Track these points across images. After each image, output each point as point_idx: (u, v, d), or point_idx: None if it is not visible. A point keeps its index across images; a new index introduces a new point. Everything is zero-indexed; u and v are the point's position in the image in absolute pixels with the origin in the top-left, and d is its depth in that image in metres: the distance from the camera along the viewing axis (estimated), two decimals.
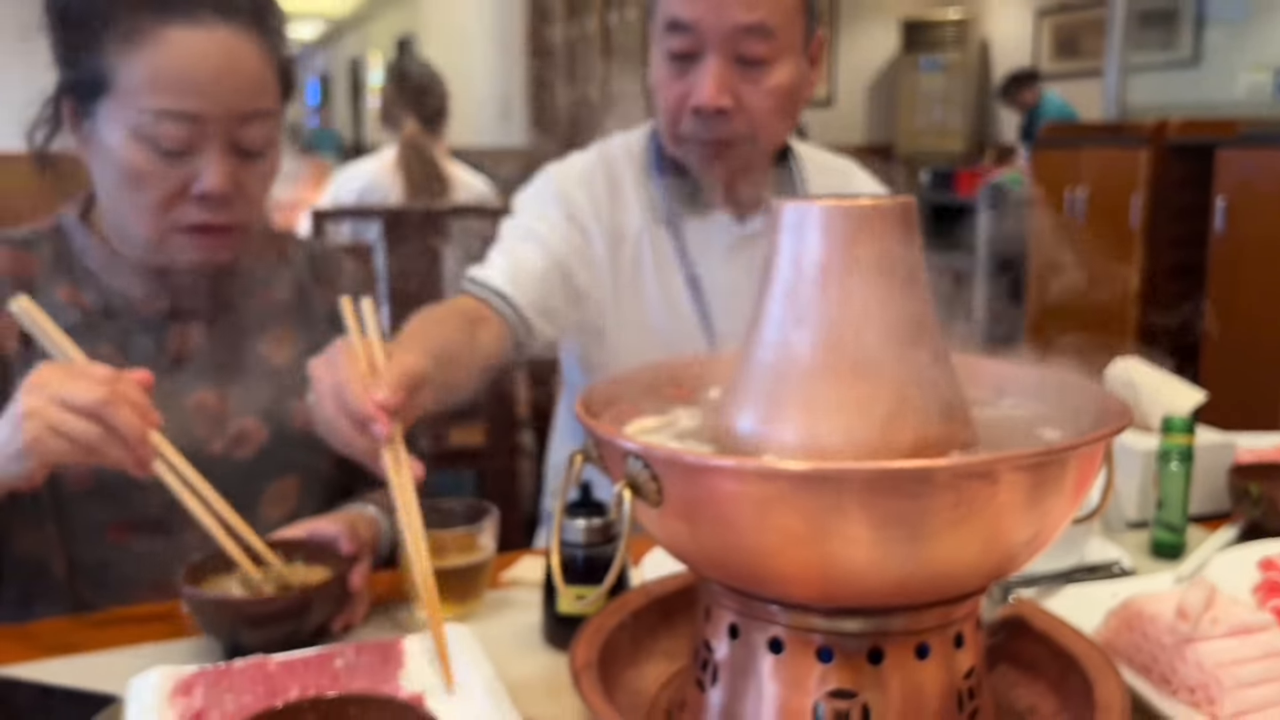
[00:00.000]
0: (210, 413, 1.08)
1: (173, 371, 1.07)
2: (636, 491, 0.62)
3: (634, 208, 1.30)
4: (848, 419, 0.64)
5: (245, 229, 1.05)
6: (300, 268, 1.19)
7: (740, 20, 1.14)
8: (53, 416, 0.81)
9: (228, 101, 0.97)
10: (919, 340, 0.66)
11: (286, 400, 1.12)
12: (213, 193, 0.98)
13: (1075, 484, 0.63)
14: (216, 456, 1.07)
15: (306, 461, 1.13)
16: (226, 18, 0.98)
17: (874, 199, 0.66)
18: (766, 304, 0.68)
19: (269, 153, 1.03)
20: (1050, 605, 0.94)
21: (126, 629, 0.93)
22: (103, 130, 0.99)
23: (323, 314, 1.18)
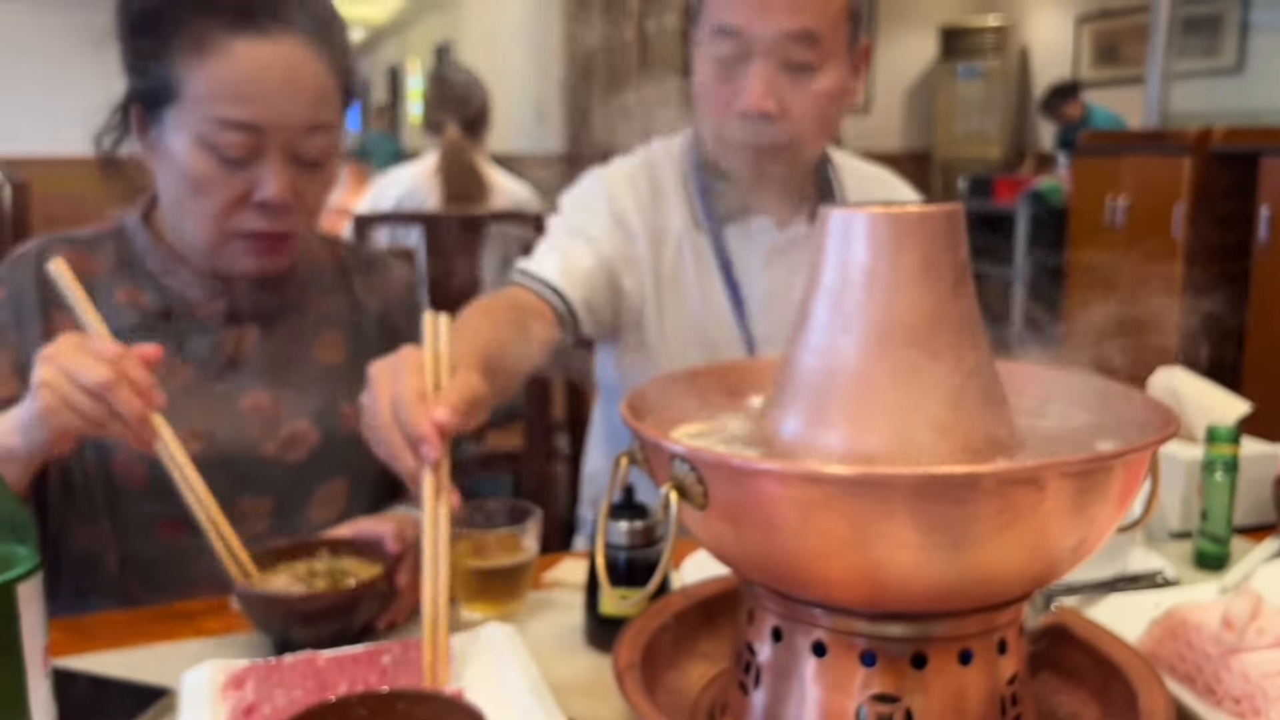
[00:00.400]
0: (264, 415, 1.10)
1: (227, 373, 1.10)
2: (683, 494, 0.63)
3: (676, 212, 1.32)
4: (893, 424, 0.65)
5: (301, 237, 1.08)
6: (351, 273, 1.22)
7: (787, 26, 1.15)
8: (63, 390, 0.84)
9: (290, 113, 1.00)
10: (964, 346, 0.67)
11: (337, 403, 1.14)
12: (272, 201, 1.01)
13: (1121, 492, 0.63)
14: (269, 458, 1.09)
15: (356, 464, 1.15)
16: (291, 30, 1.00)
17: (921, 206, 0.66)
18: (813, 309, 0.69)
19: (328, 163, 1.06)
20: (1093, 614, 0.94)
21: (179, 623, 0.95)
22: (168, 137, 1.02)
23: (372, 318, 1.21)
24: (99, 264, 1.09)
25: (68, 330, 1.04)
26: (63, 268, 0.90)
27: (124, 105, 1.07)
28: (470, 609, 0.97)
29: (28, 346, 1.04)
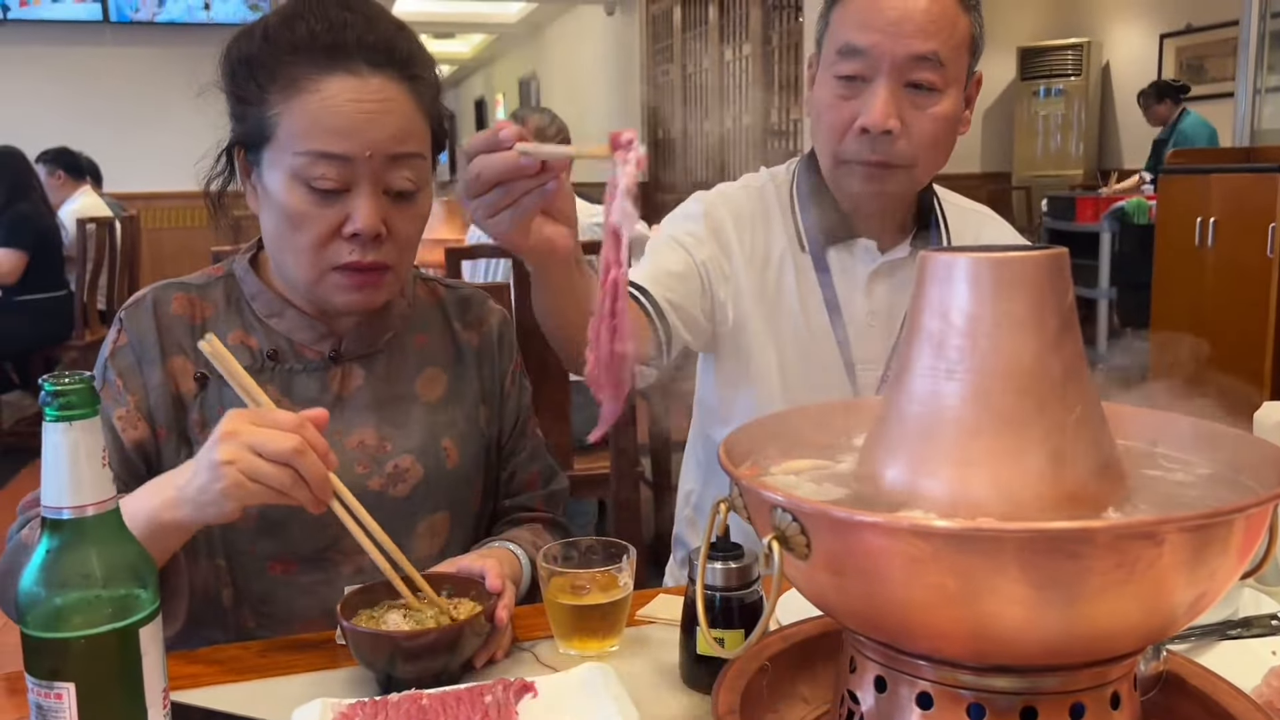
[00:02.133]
0: (369, 451, 1.13)
1: (334, 412, 1.12)
2: (785, 544, 0.63)
3: (779, 234, 1.35)
4: (998, 474, 0.64)
5: (398, 271, 1.10)
6: (449, 310, 1.25)
7: (915, 49, 1.19)
8: (249, 464, 0.87)
9: (378, 144, 1.03)
10: (1070, 393, 0.66)
11: (439, 438, 1.17)
12: (364, 232, 1.03)
13: (1242, 545, 0.61)
14: (375, 493, 1.12)
15: (457, 497, 1.18)
16: (378, 67, 1.04)
17: (1025, 250, 0.66)
18: (914, 354, 0.69)
19: (419, 196, 1.08)
20: (1205, 661, 0.91)
21: (287, 657, 0.98)
22: (267, 176, 1.06)
23: (471, 354, 1.23)
24: (210, 308, 1.13)
25: (184, 375, 1.09)
26: (217, 344, 0.93)
27: (228, 150, 1.11)
28: (567, 647, 0.98)
29: (150, 391, 1.09)
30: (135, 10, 6.89)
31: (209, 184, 1.13)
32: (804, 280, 1.34)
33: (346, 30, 1.04)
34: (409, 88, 1.06)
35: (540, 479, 1.29)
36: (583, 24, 10.36)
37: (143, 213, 5.64)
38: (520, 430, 1.28)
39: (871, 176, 1.25)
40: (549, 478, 1.31)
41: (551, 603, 0.97)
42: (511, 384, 1.28)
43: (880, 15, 1.20)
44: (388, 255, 1.07)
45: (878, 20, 1.20)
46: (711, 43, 7.82)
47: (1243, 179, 3.85)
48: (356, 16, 1.05)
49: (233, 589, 1.10)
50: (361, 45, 1.03)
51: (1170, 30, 7.30)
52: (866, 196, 1.28)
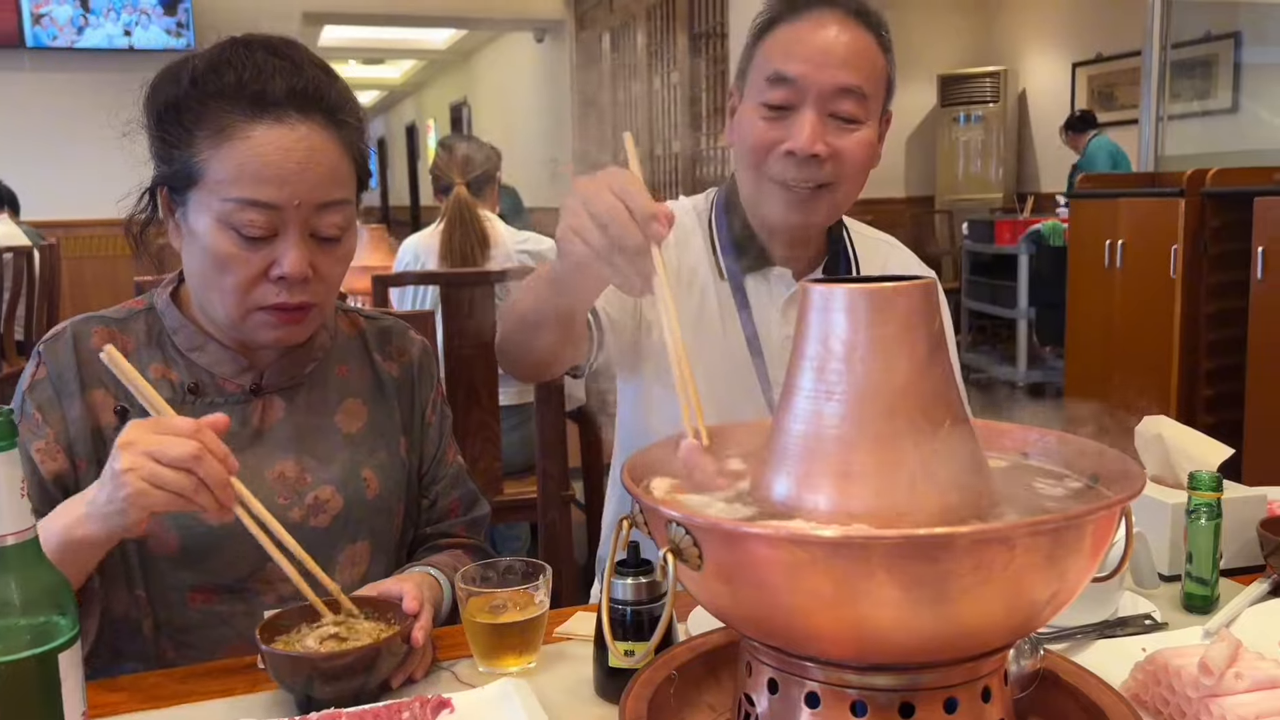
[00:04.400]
0: (289, 483, 1.15)
1: (254, 444, 1.15)
2: (679, 556, 0.68)
3: (701, 260, 1.41)
4: (874, 486, 0.70)
5: (322, 308, 1.13)
6: (371, 342, 1.27)
7: (841, 80, 1.27)
8: (150, 471, 0.89)
9: (306, 192, 1.06)
10: (941, 412, 0.71)
11: (359, 469, 1.19)
12: (291, 276, 1.06)
13: (1092, 547, 0.67)
14: (295, 524, 1.13)
15: (377, 527, 1.20)
16: (307, 116, 1.07)
17: (896, 281, 0.72)
18: (798, 378, 0.74)
19: (344, 239, 1.11)
20: (1081, 658, 0.98)
21: (208, 683, 0.99)
22: (192, 218, 1.08)
23: (392, 386, 1.26)
24: (130, 341, 1.14)
25: (104, 408, 1.10)
26: (115, 355, 0.96)
27: (151, 189, 1.13)
28: (487, 665, 1.01)
29: (69, 424, 1.10)
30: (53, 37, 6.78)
31: (131, 222, 1.15)
32: (724, 305, 1.39)
33: (275, 78, 1.06)
34: (336, 134, 1.08)
35: (461, 506, 1.32)
36: (513, 51, 10.43)
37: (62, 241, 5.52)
38: (441, 458, 1.30)
39: (795, 205, 1.31)
40: (470, 504, 1.33)
41: (469, 622, 1.00)
42: (433, 413, 1.30)
43: (808, 47, 1.27)
44: (314, 295, 1.10)
45: (805, 52, 1.27)
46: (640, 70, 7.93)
47: (1147, 203, 4.02)
48: (284, 63, 1.08)
49: (153, 619, 1.11)
50: (290, 93, 1.06)
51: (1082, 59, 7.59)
52: (789, 225, 1.34)
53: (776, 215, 1.33)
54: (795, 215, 1.32)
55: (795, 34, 1.29)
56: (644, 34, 7.82)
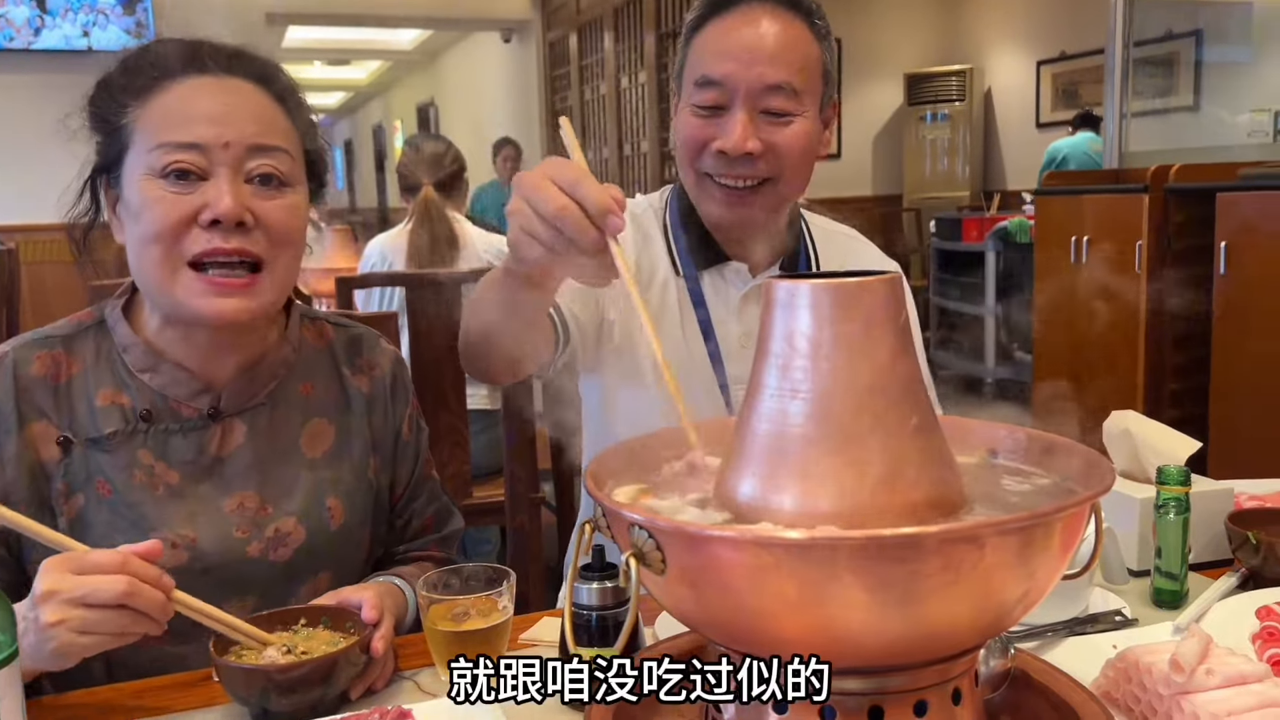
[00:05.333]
0: (249, 514, 1.09)
1: (212, 473, 1.08)
2: (642, 560, 0.66)
3: (660, 257, 1.38)
4: (841, 485, 0.68)
5: (273, 272, 1.04)
6: (339, 353, 1.20)
7: (768, 78, 1.25)
8: (78, 621, 0.84)
9: (235, 133, 1.01)
10: (907, 408, 0.70)
11: (324, 497, 1.13)
12: (224, 216, 0.99)
13: (1061, 544, 0.66)
14: (253, 559, 1.08)
15: (341, 556, 1.15)
16: (235, 73, 1.04)
17: (861, 277, 0.70)
18: (762, 376, 0.73)
19: (289, 191, 1.05)
20: (1052, 656, 0.97)
21: (162, 698, 0.96)
22: (127, 192, 1.03)
23: (361, 401, 1.19)
24: (77, 363, 1.07)
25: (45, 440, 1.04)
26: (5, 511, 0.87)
27: (91, 180, 1.08)
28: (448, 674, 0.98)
29: (5, 465, 1.02)
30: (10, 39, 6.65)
31: (73, 226, 1.10)
32: (683, 303, 1.37)
33: (204, 45, 1.05)
34: (270, 92, 1.06)
35: (435, 523, 1.28)
36: (480, 51, 10.37)
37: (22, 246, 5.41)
38: (419, 476, 1.26)
39: (734, 202, 1.29)
40: (444, 520, 1.29)
41: (431, 630, 0.97)
42: (409, 430, 1.24)
43: (733, 46, 1.25)
44: (257, 245, 1.02)
45: (731, 50, 1.25)
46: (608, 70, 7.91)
47: (1112, 199, 4.05)
48: (219, 44, 1.06)
49: (104, 662, 1.04)
50: (217, 55, 1.04)
51: (1046, 57, 7.65)
52: (732, 222, 1.32)
53: (717, 212, 1.32)
54: (736, 211, 1.31)
55: (722, 32, 1.27)
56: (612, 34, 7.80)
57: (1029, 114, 7.85)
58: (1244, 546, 1.15)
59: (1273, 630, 0.96)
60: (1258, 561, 1.14)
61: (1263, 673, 0.83)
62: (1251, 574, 1.16)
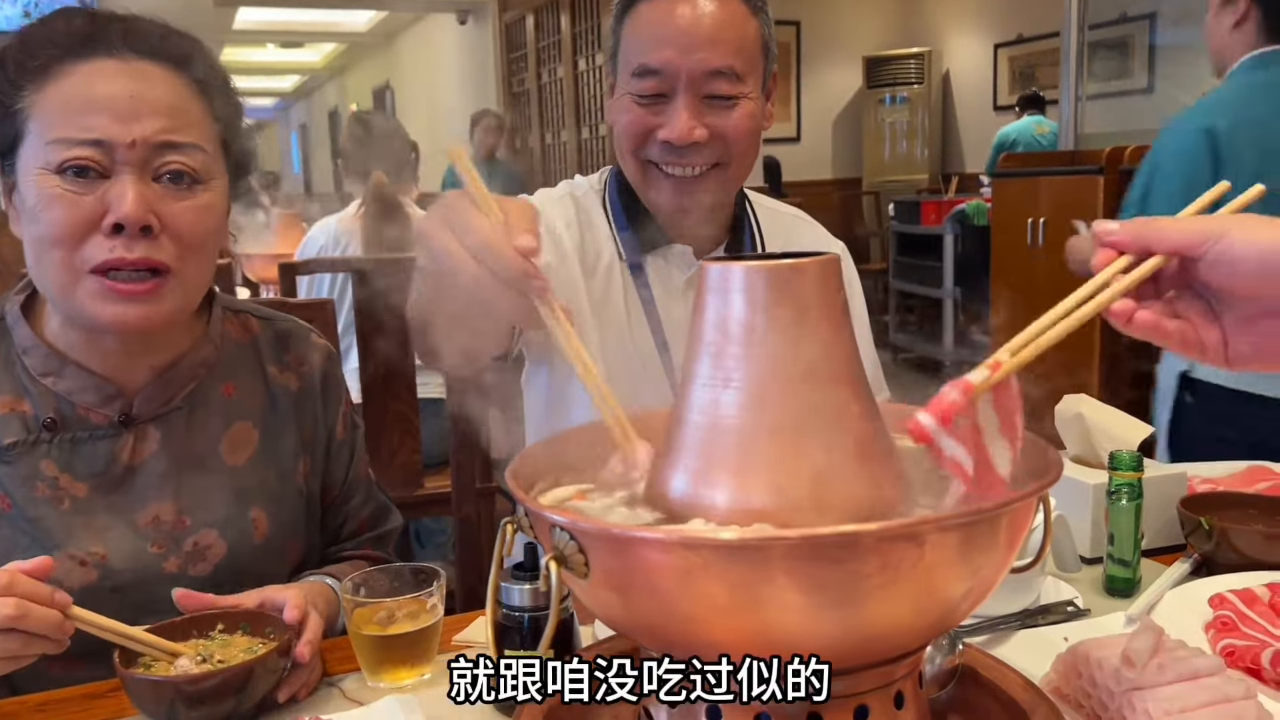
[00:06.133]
0: (165, 528, 1.02)
1: (124, 485, 1.01)
2: (564, 564, 0.62)
3: (604, 243, 1.33)
4: (775, 480, 0.64)
5: (181, 278, 0.97)
6: (264, 350, 1.13)
7: (710, 65, 1.20)
8: None
9: (141, 128, 0.92)
10: (845, 397, 0.66)
11: (248, 507, 1.06)
12: (126, 220, 0.91)
13: (1008, 539, 0.63)
14: (171, 575, 1.01)
15: (266, 570, 1.07)
16: (144, 55, 0.96)
17: (795, 258, 0.66)
18: (694, 365, 0.68)
19: (201, 191, 0.97)
20: (1002, 650, 0.94)
21: (68, 709, 0.91)
22: (23, 184, 0.95)
23: (288, 400, 1.12)
24: None
25: None
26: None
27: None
28: (376, 679, 0.93)
29: None
30: None
31: None
32: (628, 289, 1.33)
33: (111, 23, 0.96)
34: (184, 76, 0.97)
35: (369, 522, 1.23)
36: (436, 33, 10.23)
37: None
38: (354, 477, 1.20)
39: (683, 190, 1.25)
40: (380, 519, 1.24)
41: (355, 634, 0.93)
42: (344, 428, 1.18)
43: (669, 31, 1.19)
44: (165, 253, 0.94)
45: (667, 36, 1.19)
46: (565, 52, 7.82)
47: (1067, 181, 4.06)
48: (128, 17, 0.98)
49: (10, 688, 0.97)
50: (126, 34, 0.96)
51: (1003, 40, 7.67)
52: (680, 209, 1.28)
53: (666, 201, 1.28)
54: (685, 199, 1.26)
55: (657, 15, 1.21)
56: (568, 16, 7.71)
57: (986, 97, 7.88)
58: (1196, 532, 1.13)
59: (1226, 620, 0.93)
60: (1210, 547, 1.12)
61: (1215, 666, 0.80)
62: (1204, 560, 1.14)
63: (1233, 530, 1.11)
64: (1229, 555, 1.11)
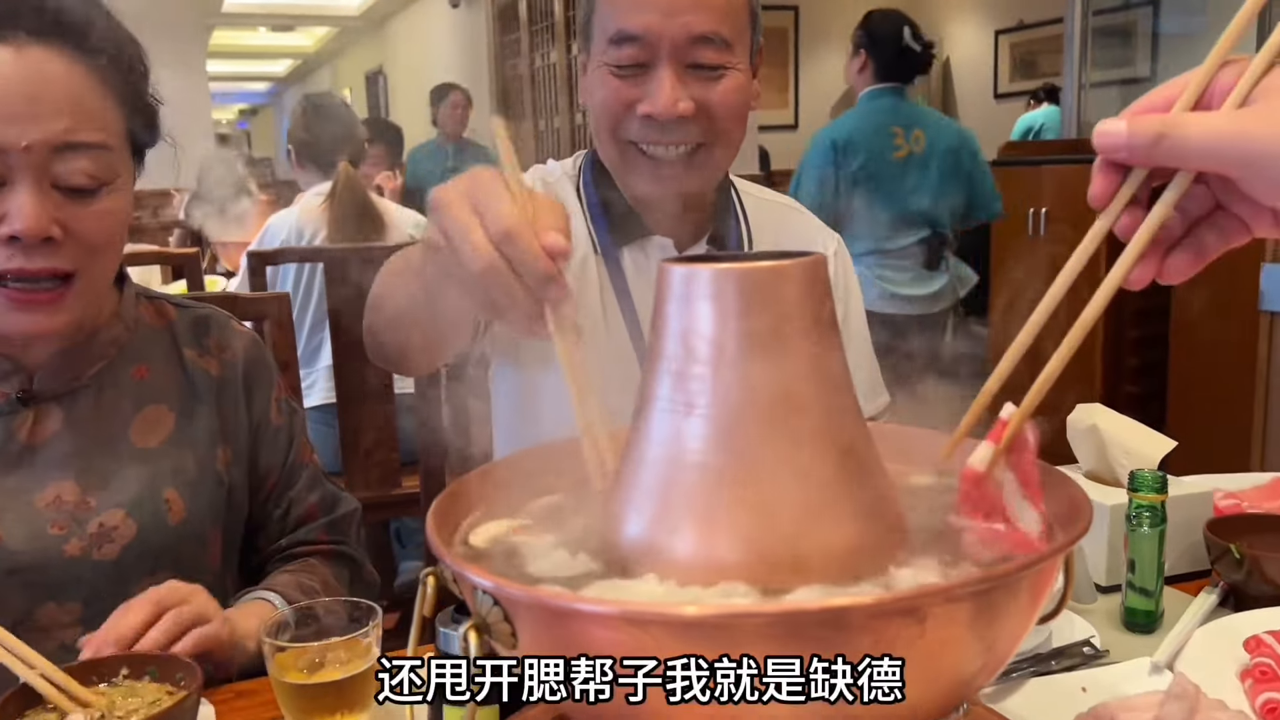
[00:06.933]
0: (67, 509, 0.95)
1: (22, 463, 0.95)
2: (486, 632, 0.50)
3: (578, 233, 1.21)
4: (748, 527, 0.53)
5: (89, 280, 0.92)
6: (180, 334, 1.07)
7: (695, 29, 1.07)
8: None
9: (37, 131, 0.85)
10: (833, 425, 0.55)
11: (161, 489, 0.99)
12: (25, 234, 0.85)
13: (1027, 603, 0.52)
14: (74, 558, 0.94)
15: (184, 555, 1.01)
16: (43, 39, 0.86)
17: (772, 261, 0.55)
18: (653, 385, 0.57)
19: (106, 193, 0.90)
20: (1013, 704, 0.83)
21: None
22: None
23: (207, 386, 1.06)
24: None
25: None
26: None
27: None
28: None
29: None
30: None
31: None
32: (603, 285, 1.21)
33: None
34: (87, 65, 0.88)
35: (320, 508, 1.14)
36: (427, 16, 10.06)
37: None
38: (295, 462, 1.13)
39: (666, 173, 1.12)
40: (331, 504, 1.16)
41: (278, 683, 0.81)
42: (278, 414, 1.12)
43: None
44: (68, 260, 0.89)
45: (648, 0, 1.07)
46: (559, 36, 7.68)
47: (1070, 170, 3.94)
48: None
49: None
50: (19, 11, 0.85)
51: (1004, 27, 7.54)
52: (662, 196, 1.16)
53: (646, 186, 1.14)
54: (669, 184, 1.13)
55: None
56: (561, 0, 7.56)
57: (987, 84, 7.75)
58: (1225, 559, 1.02)
59: (1265, 669, 0.82)
60: (1240, 577, 1.01)
61: None
62: (1233, 590, 1.03)
63: (1265, 559, 1.00)
64: (1261, 586, 1.00)
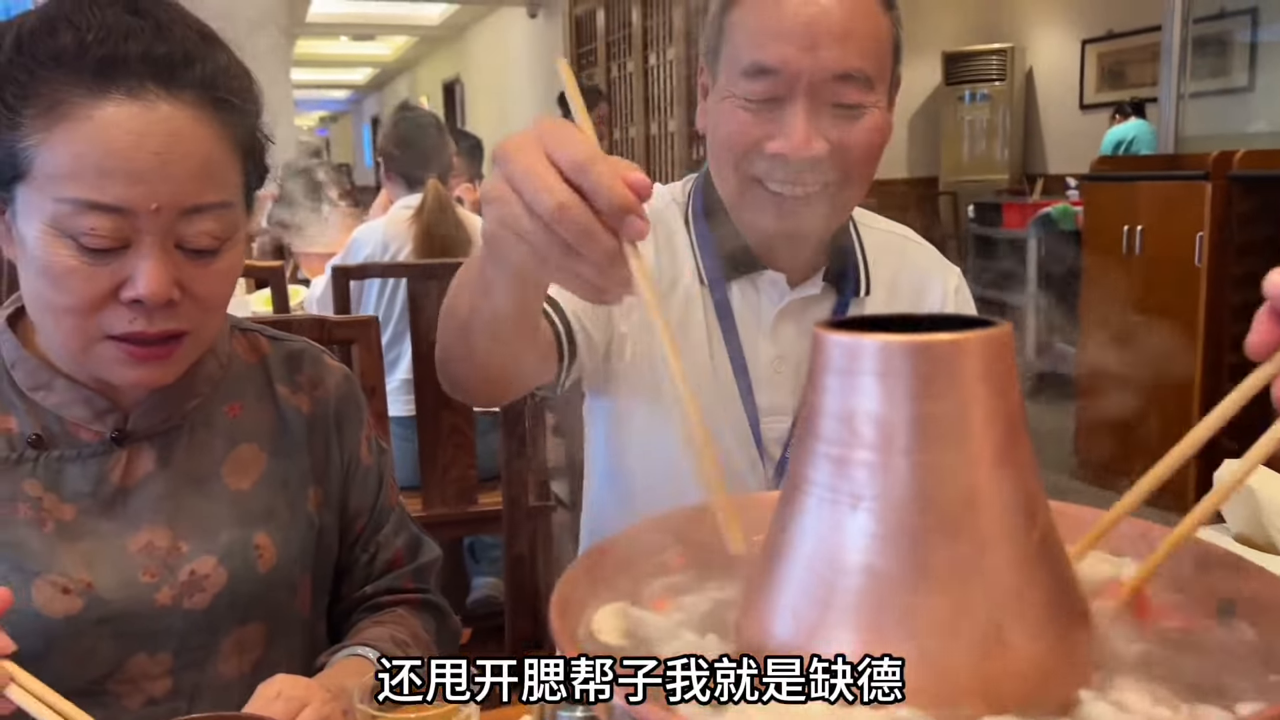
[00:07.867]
0: (159, 555, 0.91)
1: (115, 508, 0.91)
2: None
3: (683, 264, 1.14)
4: (922, 643, 0.46)
5: (200, 335, 0.89)
6: (274, 370, 1.03)
7: (837, 67, 0.99)
8: None
9: (167, 193, 0.81)
10: (1020, 527, 0.48)
11: (252, 534, 0.95)
12: (150, 300, 0.82)
13: None
14: (165, 607, 0.90)
15: (274, 604, 0.96)
16: (172, 91, 0.82)
17: (957, 331, 0.48)
18: (807, 467, 0.51)
19: (225, 250, 0.87)
20: None
21: None
22: (21, 223, 0.83)
23: (300, 424, 1.02)
24: None
25: None
26: None
27: None
28: None
29: None
30: None
31: None
32: (709, 319, 1.13)
33: (129, 40, 0.81)
34: (214, 115, 0.84)
35: (406, 554, 1.09)
36: (506, 26, 10.15)
37: None
38: (383, 504, 1.08)
39: (790, 212, 1.05)
40: (415, 549, 1.11)
41: None
42: (369, 453, 1.07)
43: (789, 23, 0.99)
44: (186, 320, 0.86)
45: (787, 29, 0.99)
46: (635, 46, 7.66)
47: (1169, 186, 3.78)
48: (144, 22, 0.82)
49: None
50: (148, 59, 0.81)
51: (1091, 36, 7.32)
52: (783, 233, 1.08)
53: (766, 223, 1.07)
54: (790, 223, 1.05)
55: (772, 3, 1.01)
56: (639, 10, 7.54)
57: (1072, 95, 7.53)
58: None
59: None
60: None
61: None
62: None
63: None
64: None
